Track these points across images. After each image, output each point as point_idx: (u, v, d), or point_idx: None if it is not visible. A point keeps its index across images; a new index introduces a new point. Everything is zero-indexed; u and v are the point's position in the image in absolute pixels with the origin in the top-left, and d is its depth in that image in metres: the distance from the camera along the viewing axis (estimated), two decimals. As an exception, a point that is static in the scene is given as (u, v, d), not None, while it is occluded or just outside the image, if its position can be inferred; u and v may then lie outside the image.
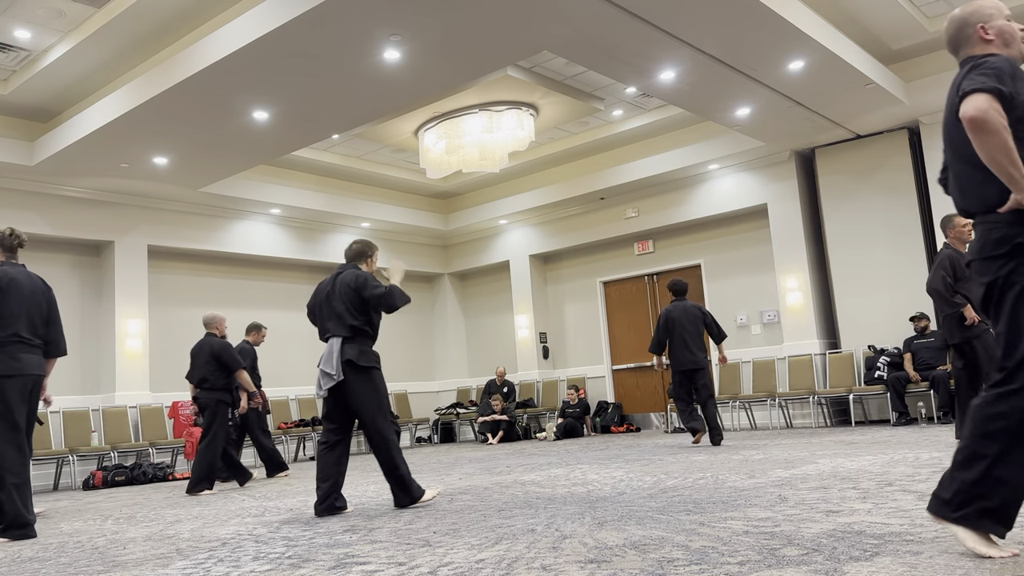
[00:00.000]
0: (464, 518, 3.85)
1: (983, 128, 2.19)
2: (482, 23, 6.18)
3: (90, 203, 9.47)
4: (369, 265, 4.80)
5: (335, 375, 4.46)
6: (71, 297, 9.54)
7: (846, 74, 7.71)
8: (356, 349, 4.51)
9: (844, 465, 4.91)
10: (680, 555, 2.58)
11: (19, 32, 7.09)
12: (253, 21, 6.16)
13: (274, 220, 11.23)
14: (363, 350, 4.53)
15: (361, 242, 4.80)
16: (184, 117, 7.54)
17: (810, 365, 9.56)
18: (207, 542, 3.77)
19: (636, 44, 6.72)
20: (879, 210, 9.51)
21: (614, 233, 11.57)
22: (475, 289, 13.79)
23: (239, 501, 5.69)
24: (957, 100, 2.34)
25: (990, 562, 2.17)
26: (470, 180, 12.23)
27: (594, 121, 10.37)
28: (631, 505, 3.84)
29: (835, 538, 2.65)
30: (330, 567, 2.88)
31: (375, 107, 7.76)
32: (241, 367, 7.08)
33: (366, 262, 4.78)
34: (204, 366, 6.91)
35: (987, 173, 2.32)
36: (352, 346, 4.51)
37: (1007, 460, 2.19)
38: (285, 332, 11.51)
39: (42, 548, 4.01)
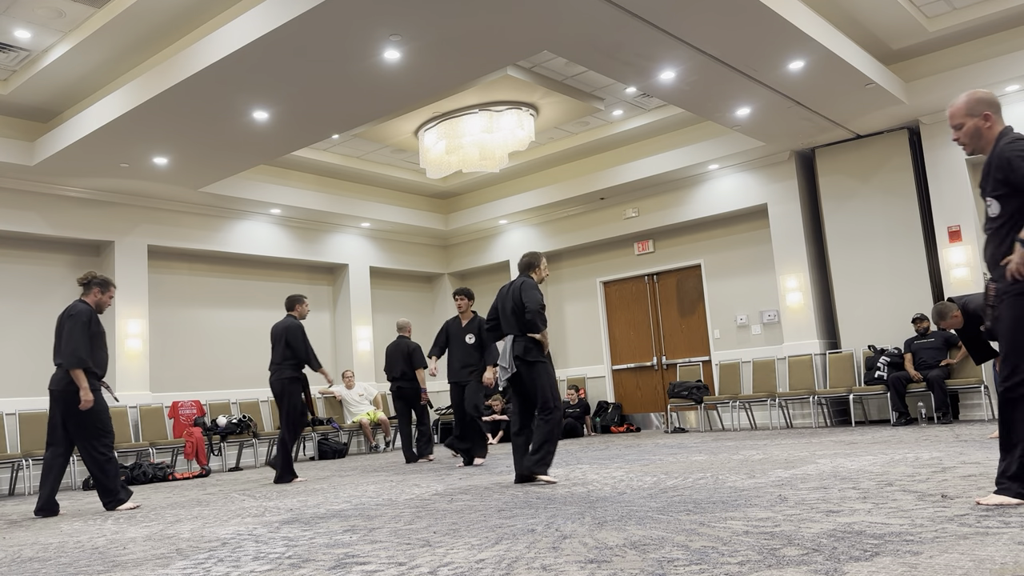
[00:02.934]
0: (464, 518, 3.85)
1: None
2: (482, 23, 6.18)
3: (90, 203, 9.47)
4: (538, 273, 5.52)
5: (509, 368, 5.32)
6: (71, 297, 9.53)
7: (846, 74, 7.71)
8: (523, 346, 5.29)
9: (844, 465, 4.91)
10: (680, 555, 2.58)
11: (19, 32, 7.09)
12: (253, 21, 6.16)
13: (274, 220, 11.23)
14: (528, 347, 5.29)
15: (529, 255, 5.54)
16: (184, 117, 7.53)
17: (810, 365, 9.56)
18: (207, 542, 3.77)
19: (636, 44, 6.72)
20: (879, 210, 9.51)
21: (614, 233, 11.57)
22: (475, 289, 13.78)
23: (239, 501, 5.69)
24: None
25: (990, 562, 2.17)
26: (470, 180, 12.23)
27: (594, 121, 10.36)
28: (631, 505, 3.84)
29: (835, 538, 2.65)
30: (330, 567, 2.88)
31: (375, 107, 7.76)
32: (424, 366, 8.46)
33: (535, 271, 5.52)
34: (402, 362, 8.40)
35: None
36: (520, 343, 5.31)
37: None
38: (285, 332, 11.50)
39: (42, 548, 4.01)
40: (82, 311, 5.63)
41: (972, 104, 3.22)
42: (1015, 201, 3.07)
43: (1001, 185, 3.08)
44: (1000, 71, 8.18)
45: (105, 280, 5.80)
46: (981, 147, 3.23)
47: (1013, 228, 3.08)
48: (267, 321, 11.30)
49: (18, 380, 8.96)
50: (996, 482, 3.05)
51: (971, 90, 3.31)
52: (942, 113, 8.96)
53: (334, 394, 11.30)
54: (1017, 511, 2.88)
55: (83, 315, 5.60)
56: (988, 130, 3.19)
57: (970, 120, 3.22)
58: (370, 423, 10.99)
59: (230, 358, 10.78)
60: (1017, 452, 2.99)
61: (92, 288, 5.77)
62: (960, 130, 3.25)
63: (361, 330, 11.99)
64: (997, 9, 7.75)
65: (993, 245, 3.17)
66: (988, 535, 2.51)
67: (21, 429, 8.51)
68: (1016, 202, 3.07)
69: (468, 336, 7.44)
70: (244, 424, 9.74)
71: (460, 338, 7.47)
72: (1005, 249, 3.12)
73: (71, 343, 5.51)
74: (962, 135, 3.25)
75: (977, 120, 3.20)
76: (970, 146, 3.26)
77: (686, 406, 10.47)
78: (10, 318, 9.02)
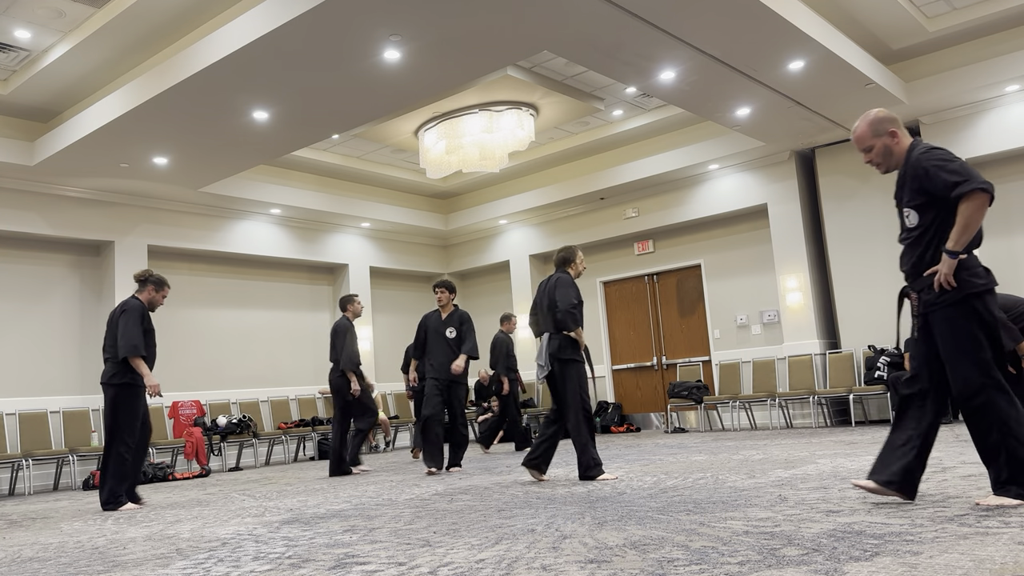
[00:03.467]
0: (464, 518, 3.85)
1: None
2: (482, 23, 6.18)
3: (90, 203, 9.47)
4: (575, 268, 5.50)
5: (544, 366, 5.33)
6: (71, 297, 9.55)
7: (846, 74, 7.71)
8: (557, 343, 5.30)
9: (844, 465, 4.91)
10: (680, 555, 2.58)
11: (19, 32, 7.09)
12: (253, 21, 6.16)
13: (274, 220, 11.23)
14: (562, 344, 5.29)
15: (564, 250, 5.54)
16: (184, 117, 7.53)
17: (810, 365, 9.56)
18: (207, 542, 3.77)
19: (636, 44, 6.71)
20: (879, 210, 9.51)
21: (614, 233, 11.57)
22: (475, 289, 13.79)
23: (239, 501, 5.69)
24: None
25: (990, 562, 2.17)
26: (470, 180, 12.23)
27: (594, 121, 10.36)
28: (631, 505, 3.84)
29: (835, 538, 2.65)
30: (330, 567, 2.88)
31: (375, 107, 7.76)
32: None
33: (571, 266, 5.49)
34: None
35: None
36: (555, 340, 5.32)
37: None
38: (285, 332, 11.51)
39: (42, 548, 4.01)
40: (136, 306, 5.85)
41: (875, 125, 3.29)
42: (933, 211, 3.13)
43: (919, 195, 3.14)
44: (1000, 71, 8.18)
45: (160, 279, 6.00)
46: (894, 163, 3.30)
47: (935, 238, 3.14)
48: (266, 321, 11.31)
49: (18, 380, 8.96)
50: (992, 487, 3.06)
51: (866, 113, 3.36)
52: (942, 113, 8.96)
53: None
54: (1017, 511, 2.88)
55: (137, 309, 5.83)
56: (897, 145, 3.27)
57: (878, 140, 3.28)
58: (370, 423, 10.98)
59: (230, 358, 10.78)
60: (1002, 459, 3.00)
61: (147, 285, 5.98)
62: (870, 152, 3.31)
63: (361, 330, 11.98)
64: (997, 9, 7.76)
65: (913, 255, 3.20)
66: (988, 535, 2.51)
67: (21, 429, 8.51)
68: (934, 212, 3.13)
69: (449, 330, 7.01)
70: (244, 424, 9.74)
71: (441, 333, 7.03)
72: (928, 259, 3.16)
73: (127, 334, 5.71)
74: (873, 156, 3.31)
75: (884, 139, 3.27)
76: (884, 165, 3.32)
77: (686, 406, 10.47)
78: (10, 318, 9.02)
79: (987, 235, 9.01)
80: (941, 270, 3.05)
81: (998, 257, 8.97)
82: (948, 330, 3.11)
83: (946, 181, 3.04)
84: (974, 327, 3.09)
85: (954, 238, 3.03)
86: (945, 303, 3.10)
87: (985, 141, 8.78)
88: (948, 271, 3.04)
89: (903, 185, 3.23)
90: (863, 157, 3.37)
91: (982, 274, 3.13)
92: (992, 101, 8.71)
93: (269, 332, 11.30)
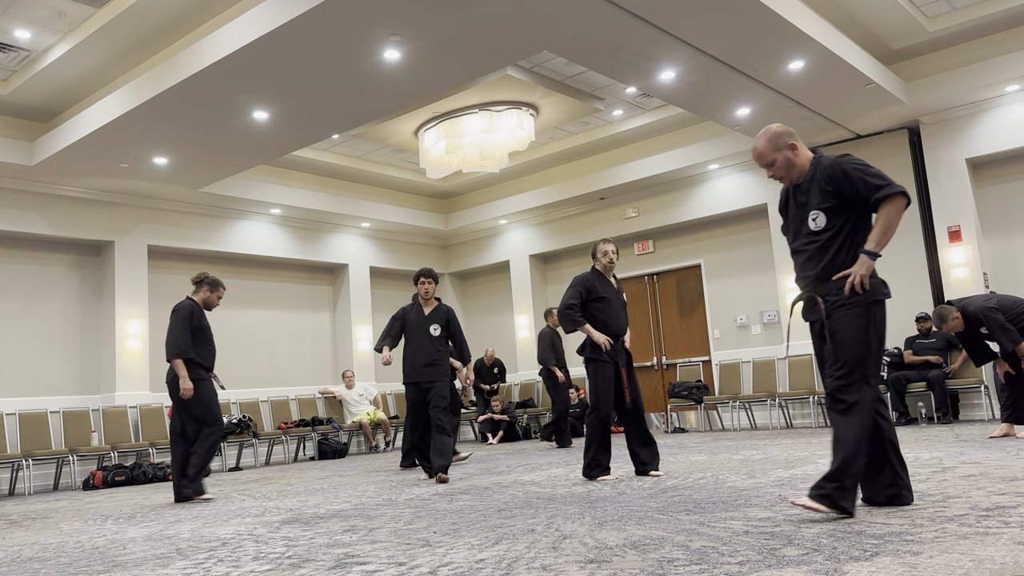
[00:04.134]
0: (464, 518, 3.85)
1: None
2: (482, 23, 6.18)
3: (90, 203, 9.47)
4: (598, 261, 5.44)
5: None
6: (71, 297, 9.55)
7: (846, 74, 7.71)
8: (581, 342, 5.39)
9: (844, 465, 4.90)
10: (680, 555, 2.58)
11: (19, 32, 7.09)
12: (253, 21, 6.16)
13: (274, 220, 11.23)
14: (585, 343, 5.34)
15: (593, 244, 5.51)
16: (184, 117, 7.54)
17: (810, 365, 9.56)
18: (207, 542, 3.77)
19: (636, 44, 6.72)
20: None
21: (614, 233, 11.57)
22: (475, 289, 13.79)
23: (239, 501, 5.69)
24: None
25: (990, 562, 2.17)
26: (470, 180, 12.23)
27: (594, 121, 10.36)
28: (631, 505, 3.84)
29: (835, 538, 2.65)
30: (330, 567, 2.88)
31: (375, 107, 7.76)
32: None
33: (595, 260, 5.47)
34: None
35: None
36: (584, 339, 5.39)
37: None
38: (285, 332, 11.51)
39: (42, 548, 4.01)
40: (184, 307, 6.03)
41: (774, 140, 3.33)
42: (845, 214, 3.15)
43: (831, 198, 3.17)
44: (1000, 71, 8.18)
45: (215, 280, 6.21)
46: (796, 175, 3.33)
47: (846, 241, 3.15)
48: (266, 321, 11.31)
49: (18, 380, 8.96)
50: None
51: (765, 128, 3.40)
52: (942, 113, 8.96)
53: (334, 394, 11.30)
54: (1017, 511, 2.88)
55: (184, 310, 6.00)
56: (797, 158, 3.32)
57: (779, 155, 3.33)
58: (370, 423, 10.99)
59: (230, 358, 10.77)
60: (837, 459, 3.02)
61: (202, 286, 6.19)
62: (773, 167, 3.35)
63: (361, 330, 11.99)
64: (997, 9, 7.75)
65: (823, 258, 3.18)
66: (988, 535, 2.51)
67: (21, 429, 8.51)
68: (846, 214, 3.15)
69: (433, 327, 6.21)
70: (244, 424, 9.74)
71: (424, 330, 6.20)
72: (840, 262, 3.15)
73: (171, 336, 5.93)
74: (776, 170, 3.35)
75: (785, 152, 3.32)
76: (787, 177, 3.36)
77: (686, 406, 10.47)
78: (10, 318, 9.02)
79: (988, 234, 9.01)
80: (858, 271, 3.05)
81: (998, 257, 8.97)
82: (845, 330, 3.09)
83: (868, 183, 3.09)
84: (870, 331, 3.08)
85: (875, 239, 3.05)
86: (850, 304, 3.09)
87: (985, 141, 8.78)
88: (866, 272, 3.04)
89: (809, 190, 3.25)
90: (766, 172, 3.40)
91: (884, 284, 3.16)
92: (992, 101, 8.71)
93: (269, 332, 11.30)
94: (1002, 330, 6.02)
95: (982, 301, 6.19)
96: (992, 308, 6.07)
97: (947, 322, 6.24)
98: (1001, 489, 3.45)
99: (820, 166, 3.25)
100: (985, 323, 6.09)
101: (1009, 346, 6.01)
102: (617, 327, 5.36)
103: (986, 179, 9.13)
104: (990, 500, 3.18)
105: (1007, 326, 6.03)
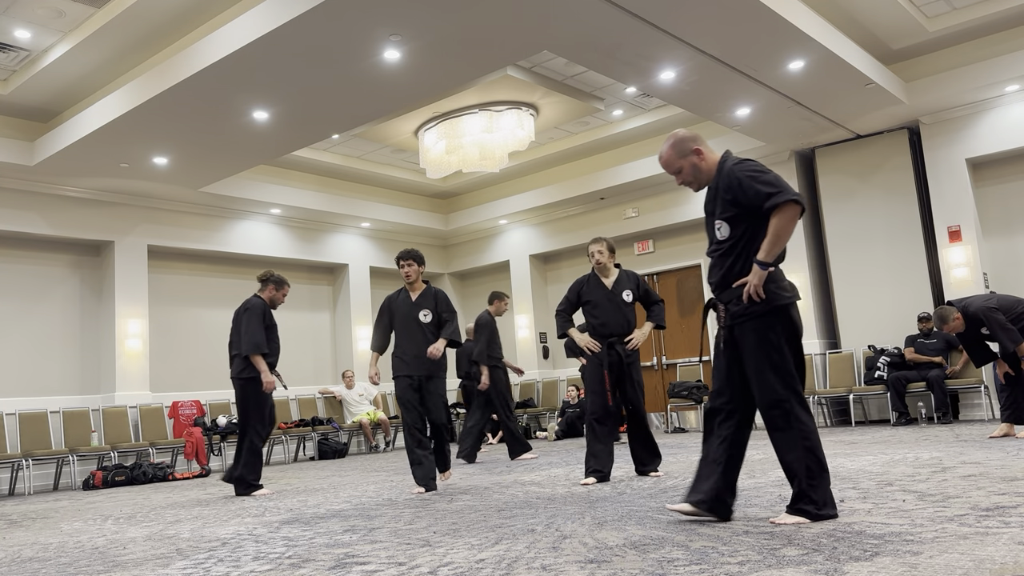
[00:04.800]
0: (464, 518, 3.85)
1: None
2: (482, 23, 6.18)
3: (90, 203, 9.47)
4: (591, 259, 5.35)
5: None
6: (71, 297, 9.55)
7: (846, 74, 7.71)
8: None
9: (844, 465, 4.90)
10: (680, 555, 2.58)
11: (19, 32, 7.09)
12: (253, 21, 6.16)
13: (274, 220, 11.23)
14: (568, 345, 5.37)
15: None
16: (184, 117, 7.53)
17: (810, 365, 9.56)
18: (207, 542, 3.77)
19: (636, 44, 6.71)
20: (879, 210, 9.50)
21: (614, 233, 11.56)
22: (475, 289, 13.79)
23: (239, 501, 5.69)
24: None
25: (990, 562, 2.17)
26: (470, 180, 12.23)
27: (594, 121, 10.36)
28: (631, 505, 3.84)
29: (835, 538, 2.65)
30: (330, 567, 2.88)
31: (375, 107, 7.76)
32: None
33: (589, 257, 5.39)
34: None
35: None
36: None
37: None
38: (285, 332, 11.49)
39: (42, 548, 4.01)
40: (256, 304, 6.20)
41: (679, 146, 3.31)
42: (744, 223, 3.11)
43: (731, 206, 3.13)
44: (1000, 71, 8.18)
45: (280, 279, 6.37)
46: (705, 180, 3.31)
47: (744, 250, 3.12)
48: (267, 321, 11.30)
49: (18, 380, 8.96)
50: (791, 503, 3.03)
51: (669, 135, 3.38)
52: (942, 113, 8.96)
53: (334, 394, 11.30)
54: (1017, 511, 2.88)
55: (258, 308, 6.18)
56: (704, 162, 3.29)
57: (684, 161, 3.30)
58: (370, 423, 10.99)
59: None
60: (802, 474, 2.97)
61: (268, 285, 6.33)
62: (680, 173, 3.33)
63: (361, 330, 11.99)
64: (997, 9, 7.75)
65: (723, 267, 3.18)
66: (988, 535, 2.51)
67: (21, 429, 8.51)
68: (745, 223, 3.11)
69: (423, 313, 5.52)
70: (244, 424, 9.73)
71: (412, 317, 5.51)
72: (738, 271, 3.13)
73: (249, 332, 6.07)
74: (684, 176, 3.32)
75: (691, 158, 3.29)
76: (696, 183, 3.33)
77: (686, 406, 10.47)
78: (10, 318, 9.02)
79: (988, 234, 9.01)
80: (752, 281, 3.02)
81: (998, 257, 8.98)
82: (754, 341, 3.07)
83: (759, 191, 3.02)
84: (780, 339, 3.06)
85: (765, 249, 3.01)
86: (753, 315, 3.06)
87: (985, 141, 8.78)
88: (758, 282, 3.00)
89: (714, 198, 3.22)
90: (675, 180, 3.38)
91: (788, 287, 3.11)
92: (992, 101, 8.71)
93: (269, 332, 11.28)
94: (1003, 330, 6.02)
95: (982, 301, 6.19)
96: (993, 308, 6.08)
97: (948, 323, 6.25)
98: (1001, 489, 3.45)
99: (722, 172, 3.19)
100: (986, 323, 6.09)
101: (1010, 346, 6.01)
102: (611, 328, 5.22)
103: (986, 179, 9.13)
104: (990, 500, 3.18)
105: (1008, 326, 6.03)
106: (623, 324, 5.28)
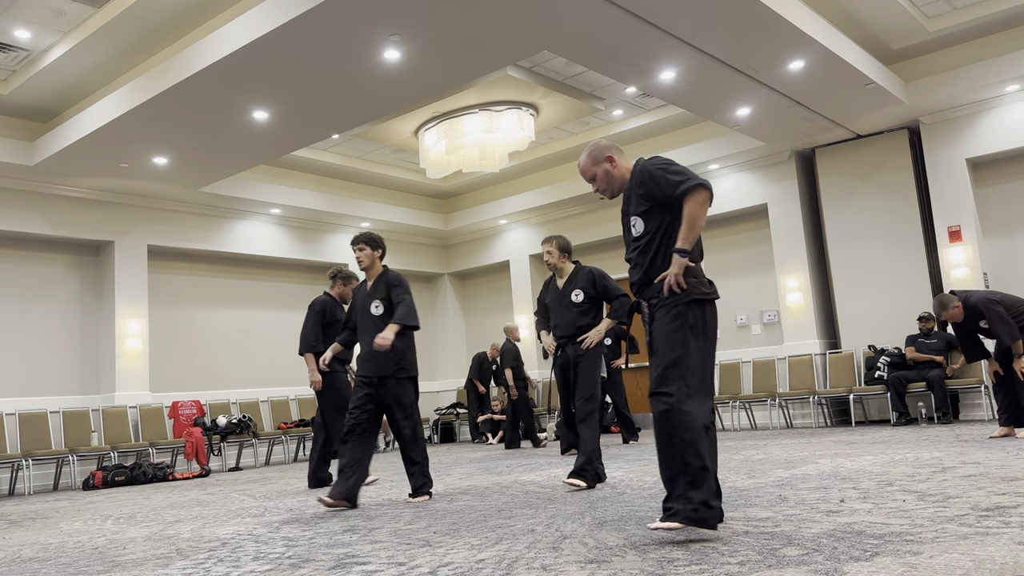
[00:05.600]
0: (464, 518, 3.85)
1: None
2: (482, 23, 6.18)
3: (90, 203, 9.47)
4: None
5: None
6: (71, 297, 9.54)
7: (846, 74, 7.71)
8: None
9: (844, 465, 4.90)
10: (680, 555, 2.58)
11: (19, 32, 7.08)
12: (253, 21, 6.16)
13: (274, 220, 11.23)
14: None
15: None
16: (184, 117, 7.53)
17: (810, 365, 9.56)
18: (207, 542, 3.77)
19: (636, 44, 6.71)
20: (879, 210, 9.50)
21: (614, 233, 11.56)
22: (475, 289, 13.79)
23: (239, 501, 5.69)
24: None
25: (990, 562, 2.17)
26: (470, 180, 12.23)
27: (594, 121, 10.36)
28: (631, 505, 3.84)
29: (835, 538, 2.65)
30: (330, 567, 2.88)
31: (375, 107, 7.76)
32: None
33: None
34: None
35: None
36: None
37: None
38: (285, 332, 11.50)
39: (42, 548, 4.01)
40: (316, 302, 6.33)
41: (594, 155, 3.37)
42: (659, 216, 3.12)
43: (645, 200, 3.15)
44: (1000, 71, 8.18)
45: (349, 274, 6.47)
46: (619, 186, 3.35)
47: (662, 243, 3.11)
48: (266, 321, 11.30)
49: (18, 380, 8.96)
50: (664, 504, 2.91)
51: (587, 143, 3.41)
52: (942, 113, 8.96)
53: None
54: (1017, 511, 2.88)
55: (317, 306, 6.29)
56: (616, 169, 3.33)
57: (598, 168, 3.36)
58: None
59: (230, 358, 10.78)
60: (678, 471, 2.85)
61: (336, 281, 6.45)
62: (595, 181, 3.39)
63: (361, 330, 11.97)
64: (997, 9, 7.75)
65: (644, 264, 3.15)
66: (988, 535, 2.51)
67: (21, 429, 8.51)
68: (660, 217, 3.12)
69: (374, 304, 4.89)
70: (244, 424, 9.74)
71: (365, 308, 4.93)
72: (659, 264, 3.11)
73: (304, 332, 6.23)
74: (598, 183, 3.38)
75: (604, 165, 3.34)
76: (609, 190, 3.38)
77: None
78: (10, 318, 9.02)
79: (988, 235, 9.01)
80: (672, 270, 3.01)
81: (998, 257, 8.97)
82: (664, 329, 3.01)
83: (670, 180, 3.07)
84: (686, 333, 2.98)
85: (683, 236, 3.02)
86: (667, 305, 3.03)
87: (985, 141, 8.78)
88: (679, 270, 2.99)
89: (628, 198, 3.25)
90: (592, 188, 3.44)
91: (708, 284, 3.11)
92: (992, 101, 8.71)
93: (269, 332, 11.30)
94: (1003, 323, 6.01)
95: (985, 294, 6.19)
96: (994, 301, 6.08)
97: (947, 310, 6.21)
98: (1001, 489, 3.45)
99: (635, 172, 3.24)
100: (986, 315, 6.08)
101: (1008, 340, 6.00)
102: (562, 329, 5.11)
103: (986, 179, 9.12)
104: (990, 500, 3.18)
105: (1008, 320, 6.02)
106: (569, 325, 5.09)
